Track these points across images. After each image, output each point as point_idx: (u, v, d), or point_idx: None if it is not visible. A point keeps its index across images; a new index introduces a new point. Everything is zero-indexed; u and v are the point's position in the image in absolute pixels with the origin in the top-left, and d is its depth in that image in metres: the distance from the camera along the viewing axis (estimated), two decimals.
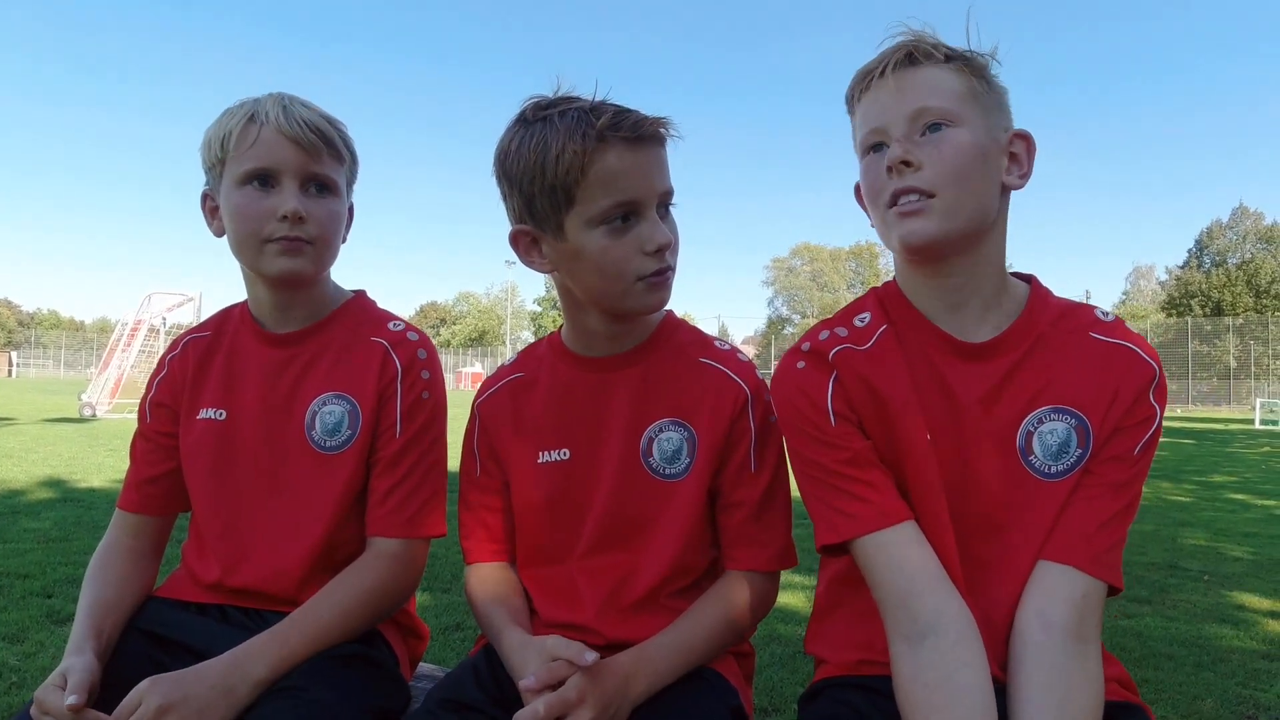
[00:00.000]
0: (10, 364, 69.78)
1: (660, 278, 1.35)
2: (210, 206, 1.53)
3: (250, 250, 1.47)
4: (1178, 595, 4.74)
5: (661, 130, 1.32)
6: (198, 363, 1.61)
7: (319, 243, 1.48)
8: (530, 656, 1.26)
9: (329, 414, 1.52)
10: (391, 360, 1.53)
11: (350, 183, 1.58)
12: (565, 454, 1.47)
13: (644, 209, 1.31)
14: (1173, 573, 5.27)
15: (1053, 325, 1.27)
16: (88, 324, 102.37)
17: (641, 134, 1.29)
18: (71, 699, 1.22)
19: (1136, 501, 1.24)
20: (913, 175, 1.18)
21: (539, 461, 1.48)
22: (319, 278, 1.56)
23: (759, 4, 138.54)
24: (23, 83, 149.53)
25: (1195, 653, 3.76)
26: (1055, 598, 1.17)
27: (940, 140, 1.19)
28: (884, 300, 1.34)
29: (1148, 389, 1.23)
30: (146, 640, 1.46)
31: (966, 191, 1.19)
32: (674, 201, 1.38)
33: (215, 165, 1.48)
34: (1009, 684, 1.16)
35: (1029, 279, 1.33)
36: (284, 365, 1.55)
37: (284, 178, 1.44)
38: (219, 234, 1.52)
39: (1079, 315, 1.28)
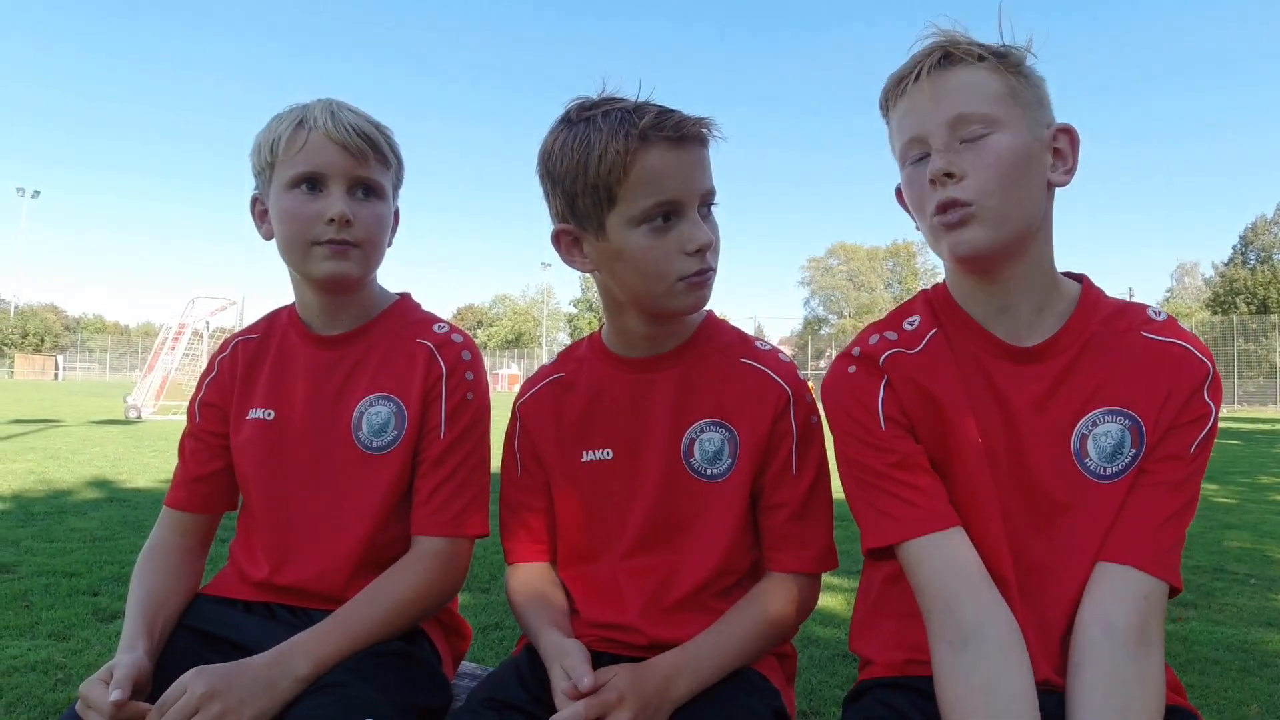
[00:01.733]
0: (57, 367, 71.05)
1: (701, 278, 1.34)
2: (259, 210, 1.56)
3: (298, 253, 1.50)
4: (1224, 599, 4.65)
5: (704, 131, 1.32)
6: (247, 363, 1.64)
7: (365, 245, 1.50)
8: (556, 667, 1.27)
9: (375, 415, 1.54)
10: (436, 362, 1.55)
11: (396, 187, 1.60)
12: (608, 453, 1.47)
13: (685, 209, 1.32)
14: (1218, 576, 5.17)
15: (1104, 326, 1.25)
16: (132, 328, 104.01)
17: (684, 134, 1.29)
18: (115, 694, 1.23)
19: (1195, 501, 1.22)
20: (956, 187, 1.16)
21: (583, 460, 1.48)
22: (365, 281, 1.58)
23: (793, 3, 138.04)
24: (71, 87, 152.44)
25: (1241, 658, 3.68)
26: (1117, 599, 1.16)
27: (981, 148, 1.17)
28: (933, 303, 1.33)
29: (1201, 387, 1.21)
30: (194, 637, 1.48)
31: (1012, 199, 1.17)
32: (715, 202, 1.38)
33: (265, 169, 1.51)
34: (1068, 688, 1.14)
35: (1080, 279, 1.31)
36: (331, 367, 1.58)
37: (331, 181, 1.47)
38: (268, 237, 1.55)
39: (1131, 315, 1.27)
